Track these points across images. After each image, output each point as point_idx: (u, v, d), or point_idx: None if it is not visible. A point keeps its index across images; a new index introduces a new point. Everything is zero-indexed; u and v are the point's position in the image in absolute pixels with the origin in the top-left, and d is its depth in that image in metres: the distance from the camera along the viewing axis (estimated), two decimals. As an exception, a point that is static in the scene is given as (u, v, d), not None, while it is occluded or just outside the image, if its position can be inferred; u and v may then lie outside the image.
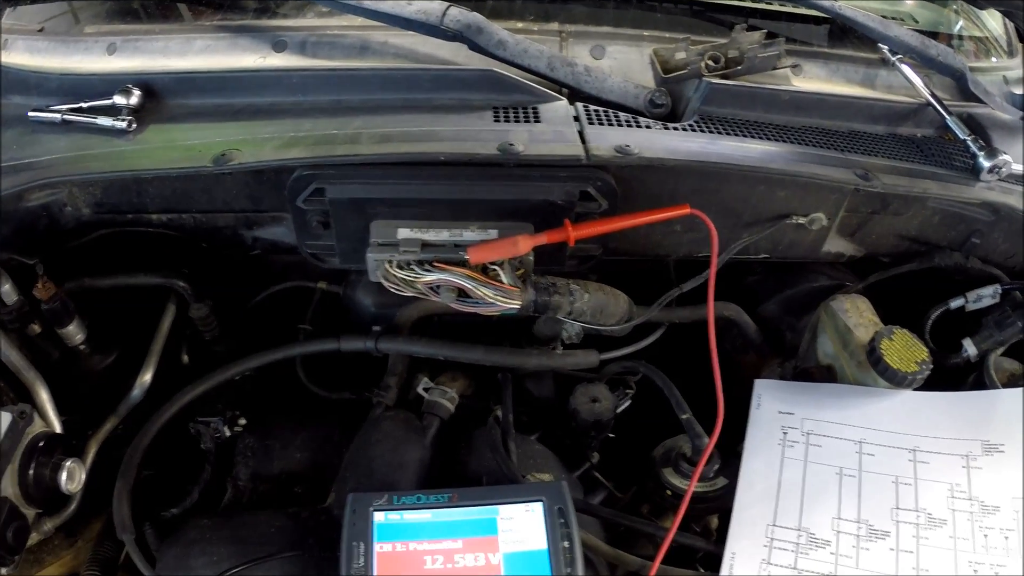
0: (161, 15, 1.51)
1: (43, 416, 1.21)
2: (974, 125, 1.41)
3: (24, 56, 1.38)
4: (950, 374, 1.35)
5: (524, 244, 1.13)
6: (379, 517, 1.05)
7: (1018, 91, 1.57)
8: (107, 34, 1.40)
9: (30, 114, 1.29)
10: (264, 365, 1.33)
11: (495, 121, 1.23)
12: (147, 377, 1.34)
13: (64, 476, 1.17)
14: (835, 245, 1.40)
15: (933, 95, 1.41)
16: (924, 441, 1.21)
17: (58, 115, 1.28)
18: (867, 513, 1.16)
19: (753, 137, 1.28)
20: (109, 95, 1.27)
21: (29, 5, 1.45)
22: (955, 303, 1.39)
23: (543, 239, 1.14)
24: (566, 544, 1.04)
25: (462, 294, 1.15)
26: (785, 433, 1.25)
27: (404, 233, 1.17)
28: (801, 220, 1.31)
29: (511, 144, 1.15)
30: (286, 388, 1.45)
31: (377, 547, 1.03)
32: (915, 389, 1.25)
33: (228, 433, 1.34)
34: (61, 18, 1.49)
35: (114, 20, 1.48)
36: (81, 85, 1.31)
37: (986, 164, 1.32)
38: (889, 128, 1.42)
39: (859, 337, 1.29)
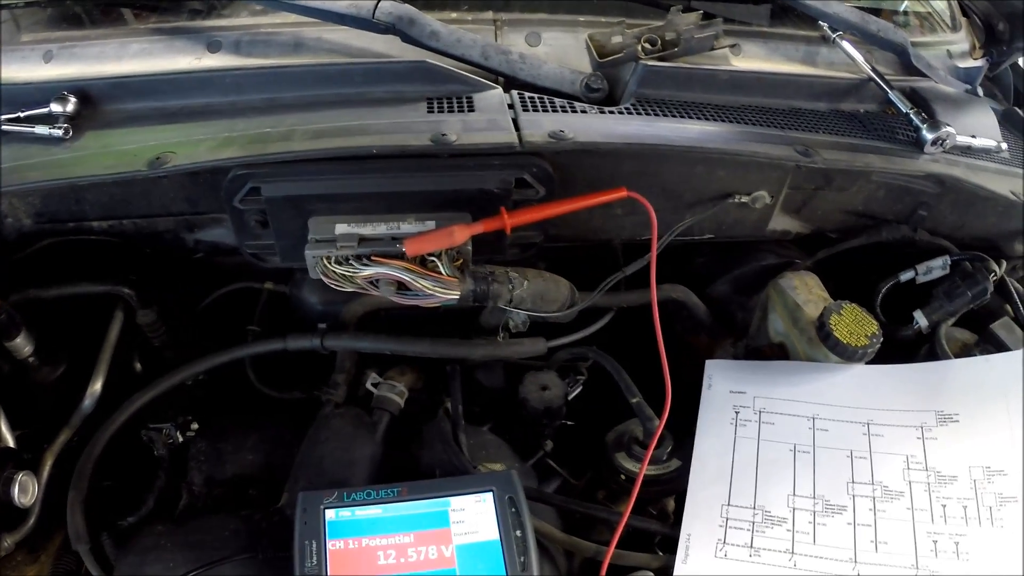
0: (100, 20, 1.50)
1: (-7, 431, 1.20)
2: (917, 99, 1.42)
3: (-38, 68, 1.37)
4: (902, 346, 1.36)
5: (460, 234, 1.12)
6: (330, 515, 1.05)
7: (961, 64, 1.58)
8: (43, 41, 1.40)
9: (-31, 126, 1.28)
10: (213, 368, 1.32)
11: (429, 112, 1.23)
12: (97, 386, 1.32)
13: (16, 490, 1.15)
14: (781, 223, 1.40)
15: (874, 70, 1.41)
16: (877, 414, 1.22)
17: (-4, 125, 1.27)
18: (823, 488, 1.16)
19: (691, 118, 1.28)
20: (46, 103, 1.26)
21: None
22: (905, 276, 1.40)
23: (479, 228, 1.14)
24: (518, 533, 1.04)
25: (402, 287, 1.15)
26: (737, 412, 1.26)
27: (342, 228, 1.16)
28: (744, 199, 1.31)
29: (444, 134, 1.15)
30: (237, 390, 1.44)
31: (330, 545, 1.02)
32: (867, 362, 1.25)
33: (180, 439, 1.33)
34: (3, 27, 1.47)
35: (53, 27, 1.47)
36: (18, 94, 1.30)
37: (929, 136, 1.33)
38: (831, 104, 1.43)
39: (809, 313, 1.29)
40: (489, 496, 1.07)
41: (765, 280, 1.39)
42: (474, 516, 1.06)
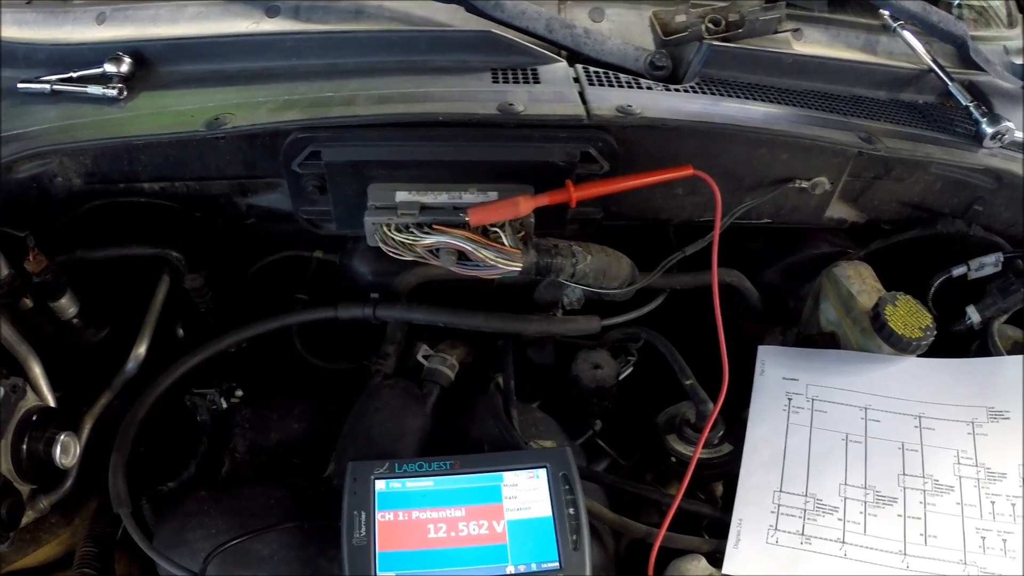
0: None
1: (36, 391, 1.18)
2: (976, 92, 1.40)
3: (12, 29, 1.36)
4: (953, 341, 1.34)
5: (525, 205, 1.11)
6: (380, 485, 1.04)
7: (1018, 60, 1.56)
8: (96, 4, 1.38)
9: (19, 85, 1.27)
10: (260, 335, 1.31)
11: (494, 82, 1.21)
12: (141, 350, 1.31)
13: (58, 450, 1.14)
14: (837, 211, 1.39)
15: (935, 61, 1.39)
16: (929, 407, 1.20)
17: (47, 85, 1.26)
18: (874, 479, 1.15)
19: (755, 99, 1.27)
20: (99, 64, 1.26)
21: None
22: (957, 271, 1.37)
23: (545, 200, 1.13)
24: (571, 511, 1.03)
25: (462, 257, 1.14)
26: (790, 399, 1.24)
27: (402, 196, 1.15)
28: (804, 184, 1.29)
29: (511, 104, 1.14)
30: (283, 359, 1.43)
31: (379, 516, 1.01)
32: (918, 356, 1.24)
33: (224, 405, 1.31)
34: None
35: (103, -10, 1.46)
36: (71, 55, 1.30)
37: (989, 130, 1.32)
38: (891, 94, 1.42)
39: (862, 303, 1.28)
40: (543, 472, 1.06)
41: (817, 269, 1.38)
42: (527, 492, 1.04)
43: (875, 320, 1.23)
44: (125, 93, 1.24)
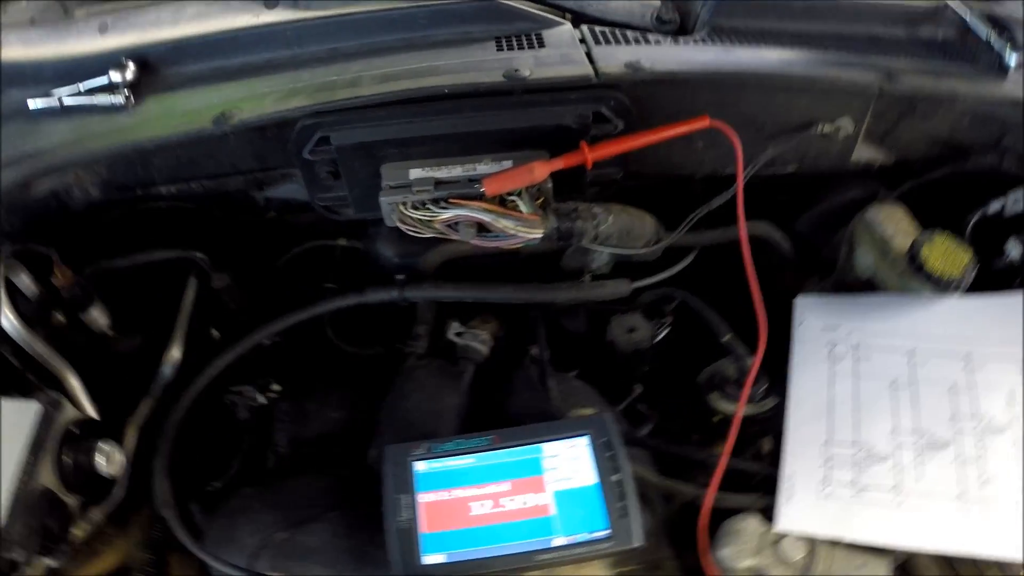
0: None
1: (75, 403, 1.18)
2: (997, 23, 1.35)
3: (18, 49, 1.36)
4: (995, 277, 1.30)
5: (540, 170, 1.09)
6: (420, 467, 1.03)
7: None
8: (97, 14, 1.37)
9: (29, 102, 1.27)
10: (291, 327, 1.31)
11: (498, 50, 1.21)
12: (176, 354, 1.31)
13: (100, 459, 1.14)
14: (864, 153, 1.35)
15: (951, -8, 1.36)
16: (976, 347, 1.17)
17: (56, 100, 1.26)
18: (924, 424, 1.11)
19: (769, 45, 1.25)
20: (105, 73, 1.25)
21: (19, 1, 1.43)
22: (994, 206, 1.33)
23: (560, 164, 1.11)
24: (616, 477, 1.02)
25: (482, 229, 1.12)
26: (832, 347, 1.21)
27: (416, 173, 1.14)
28: (827, 128, 1.26)
29: (517, 70, 1.13)
30: (317, 350, 1.44)
31: (421, 497, 1.01)
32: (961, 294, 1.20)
33: (263, 400, 1.32)
34: (52, 8, 1.46)
35: (103, -1, 1.46)
36: (77, 67, 1.30)
37: (1012, 61, 1.27)
38: (909, 31, 1.37)
39: (898, 245, 1.24)
40: (584, 440, 1.05)
41: (850, 215, 1.34)
42: (569, 462, 1.04)
43: (912, 261, 1.20)
44: (132, 99, 1.24)
